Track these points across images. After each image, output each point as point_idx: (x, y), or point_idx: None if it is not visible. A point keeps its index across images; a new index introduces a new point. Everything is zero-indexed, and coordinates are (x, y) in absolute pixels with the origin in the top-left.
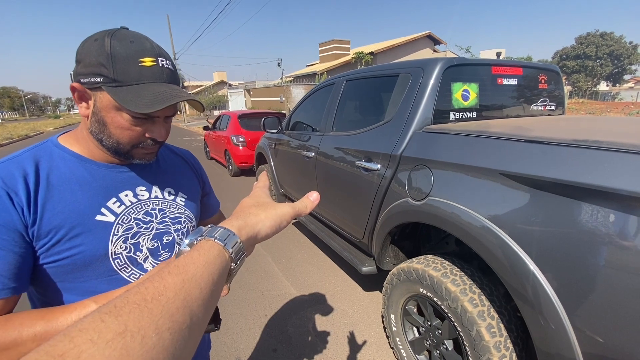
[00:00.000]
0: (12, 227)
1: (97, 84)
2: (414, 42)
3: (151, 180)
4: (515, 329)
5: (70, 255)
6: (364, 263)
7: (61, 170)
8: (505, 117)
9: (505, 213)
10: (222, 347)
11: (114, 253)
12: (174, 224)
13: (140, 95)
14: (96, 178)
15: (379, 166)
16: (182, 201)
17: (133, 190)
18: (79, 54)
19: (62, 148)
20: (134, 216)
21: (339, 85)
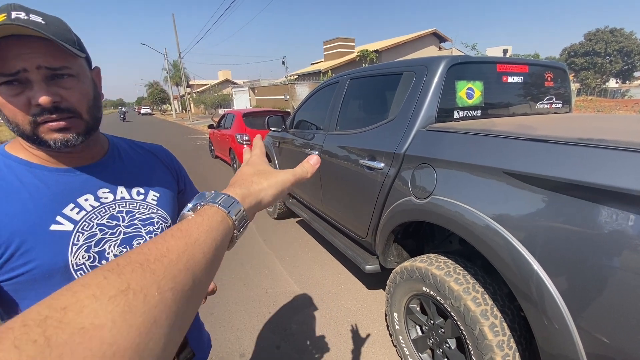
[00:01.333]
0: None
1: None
2: (419, 39)
3: (115, 181)
4: (518, 329)
5: (26, 271)
6: (368, 261)
7: (8, 179)
8: (511, 115)
9: (509, 212)
10: (226, 344)
11: (75, 264)
12: (146, 225)
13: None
14: (48, 185)
15: (383, 165)
16: (153, 200)
17: (94, 193)
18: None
19: (8, 156)
20: (97, 222)
21: (342, 83)
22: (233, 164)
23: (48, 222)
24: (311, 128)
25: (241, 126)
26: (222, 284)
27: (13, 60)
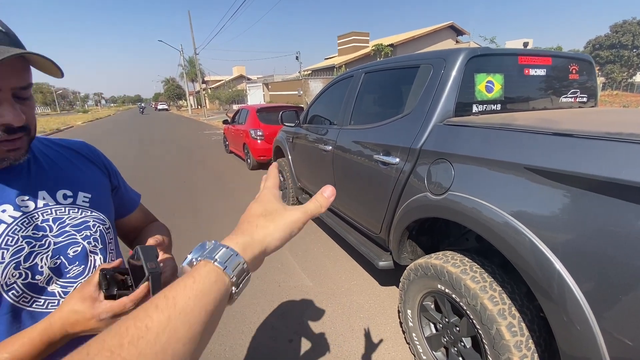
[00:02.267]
0: None
1: None
2: (435, 33)
3: (34, 186)
4: (537, 329)
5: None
6: (381, 258)
7: None
8: (532, 109)
9: (530, 209)
10: (240, 336)
11: (5, 284)
12: (81, 231)
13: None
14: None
15: (398, 160)
16: (85, 202)
17: (12, 202)
18: None
19: None
20: (21, 234)
21: (357, 77)
22: (247, 159)
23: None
24: (324, 123)
25: (255, 121)
26: None
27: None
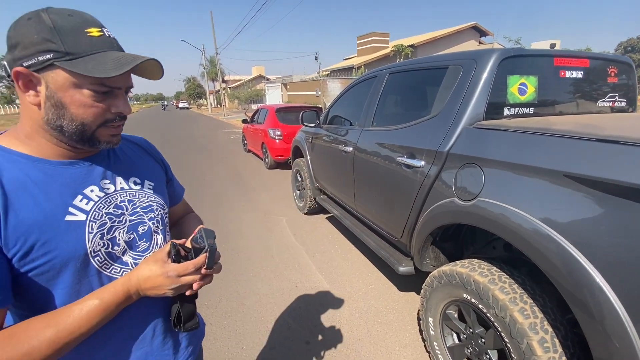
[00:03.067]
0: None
1: (46, 62)
2: (457, 33)
3: (113, 172)
4: (572, 346)
5: (47, 260)
6: (401, 263)
7: (12, 173)
8: (568, 113)
9: (569, 219)
10: (257, 335)
11: (92, 251)
12: (147, 213)
13: (102, 62)
14: (54, 177)
15: (423, 163)
16: (149, 189)
17: (98, 184)
18: (13, 37)
19: (6, 150)
20: (105, 211)
21: (381, 78)
22: (265, 158)
23: (62, 213)
24: (345, 124)
25: (274, 121)
26: (253, 274)
27: (121, 80)
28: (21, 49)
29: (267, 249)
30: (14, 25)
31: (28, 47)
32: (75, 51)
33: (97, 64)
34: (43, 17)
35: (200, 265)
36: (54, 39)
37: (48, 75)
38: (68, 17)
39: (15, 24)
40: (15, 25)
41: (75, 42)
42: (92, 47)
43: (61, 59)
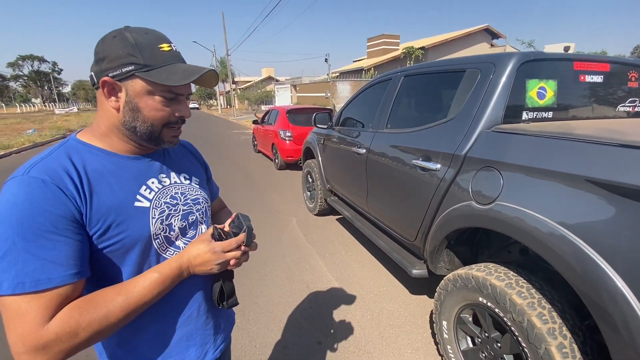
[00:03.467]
0: (71, 217)
1: (128, 73)
2: (469, 36)
3: (168, 167)
4: (590, 352)
5: (120, 239)
6: (415, 266)
7: (93, 164)
8: (588, 118)
9: (591, 224)
10: (269, 334)
11: (154, 234)
12: (195, 204)
13: (172, 72)
14: (124, 169)
15: (439, 166)
16: (196, 184)
17: (156, 177)
18: (101, 52)
19: (85, 144)
20: (163, 200)
21: (395, 80)
22: (275, 159)
23: (132, 200)
24: (357, 126)
25: (285, 122)
26: (265, 273)
27: (185, 87)
28: (108, 61)
29: (278, 249)
30: (102, 42)
31: (114, 60)
32: (152, 63)
33: (169, 74)
34: (126, 36)
35: (240, 242)
36: (135, 53)
37: (128, 84)
38: (145, 34)
39: (103, 41)
40: (102, 42)
41: (152, 56)
42: (164, 60)
43: (140, 70)
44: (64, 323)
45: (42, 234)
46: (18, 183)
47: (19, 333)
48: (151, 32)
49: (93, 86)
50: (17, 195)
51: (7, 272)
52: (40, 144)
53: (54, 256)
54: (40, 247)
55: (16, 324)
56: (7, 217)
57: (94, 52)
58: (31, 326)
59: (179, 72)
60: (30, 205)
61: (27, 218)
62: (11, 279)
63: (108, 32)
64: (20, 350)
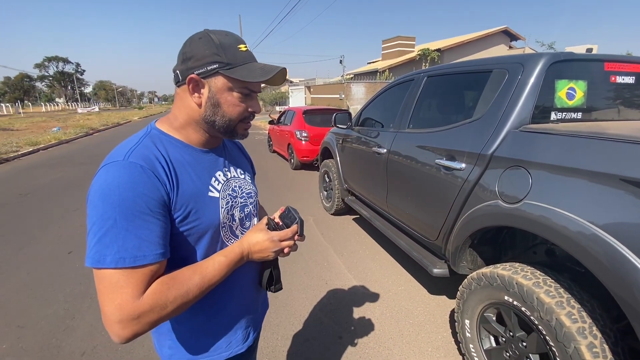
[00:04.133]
0: (162, 201)
1: (212, 71)
2: (487, 38)
3: (229, 162)
4: (622, 353)
5: (196, 225)
6: (435, 265)
7: (174, 154)
8: (618, 119)
9: (624, 223)
10: (290, 327)
11: (222, 223)
12: (249, 197)
13: (252, 70)
14: (198, 161)
15: (464, 165)
16: (249, 179)
17: (222, 170)
18: (188, 52)
19: (166, 135)
20: (227, 192)
21: (418, 81)
22: (291, 159)
23: (206, 190)
24: (377, 126)
25: (301, 123)
26: (284, 270)
27: (258, 85)
28: (194, 60)
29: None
30: (189, 43)
31: (200, 59)
32: (233, 62)
33: (249, 72)
34: (211, 37)
35: (295, 232)
36: (220, 53)
37: (211, 81)
38: (225, 36)
39: (190, 42)
40: (189, 43)
41: (233, 56)
42: (244, 59)
43: (223, 68)
44: (155, 296)
45: (139, 215)
46: (119, 167)
47: (117, 303)
48: (230, 34)
49: (176, 84)
50: (120, 178)
51: (110, 248)
52: (65, 141)
53: (148, 235)
54: (138, 227)
55: (115, 295)
56: (109, 196)
57: (179, 52)
58: (128, 297)
59: (257, 70)
60: (131, 188)
61: (128, 199)
62: (113, 254)
63: (193, 34)
64: (115, 319)
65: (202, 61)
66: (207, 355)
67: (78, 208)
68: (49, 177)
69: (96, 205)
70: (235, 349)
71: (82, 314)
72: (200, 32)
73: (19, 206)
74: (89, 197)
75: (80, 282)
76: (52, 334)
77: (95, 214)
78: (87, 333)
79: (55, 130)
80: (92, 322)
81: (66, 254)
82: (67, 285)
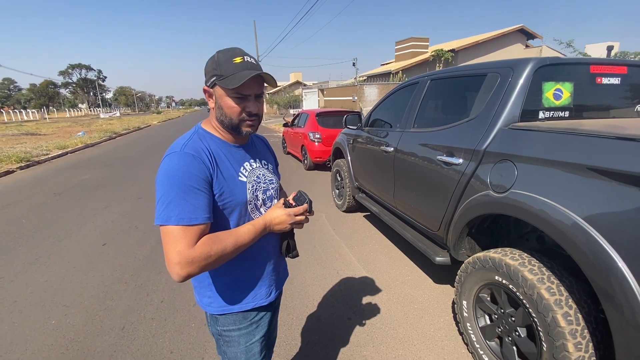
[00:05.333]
0: (207, 180)
1: (213, 82)
2: (502, 37)
3: (254, 155)
4: (594, 322)
5: (230, 201)
6: (438, 254)
7: (214, 148)
8: (603, 117)
9: (591, 207)
10: (304, 309)
11: (249, 201)
12: (270, 183)
13: (234, 79)
14: (231, 153)
15: (461, 160)
16: (271, 169)
17: (249, 161)
18: (205, 70)
19: (208, 133)
20: (252, 178)
21: (422, 84)
22: (304, 160)
23: (237, 176)
24: (385, 126)
25: (314, 125)
26: (299, 260)
27: (249, 89)
28: (205, 76)
29: (309, 240)
30: (207, 62)
31: (207, 74)
32: (225, 74)
33: (231, 80)
34: (214, 56)
35: (305, 209)
36: (216, 67)
37: (215, 90)
38: (227, 52)
39: (206, 62)
40: (206, 63)
41: (226, 68)
42: (234, 70)
43: (218, 79)
44: (203, 248)
45: (193, 190)
46: (178, 156)
47: (178, 250)
48: (232, 50)
49: (205, 93)
50: (178, 163)
51: (173, 212)
52: (91, 144)
53: (199, 204)
54: (192, 198)
55: (175, 244)
56: (172, 176)
57: None
58: (185, 246)
59: (238, 77)
60: (186, 170)
61: (184, 178)
62: (176, 215)
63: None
64: (176, 260)
65: (208, 75)
66: (238, 303)
67: (107, 206)
68: (79, 178)
69: (162, 183)
70: (259, 301)
71: (120, 295)
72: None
73: (55, 204)
74: (157, 178)
75: (116, 269)
76: (95, 312)
77: (161, 189)
78: (125, 311)
79: (81, 134)
80: (129, 303)
81: (101, 245)
82: (104, 272)
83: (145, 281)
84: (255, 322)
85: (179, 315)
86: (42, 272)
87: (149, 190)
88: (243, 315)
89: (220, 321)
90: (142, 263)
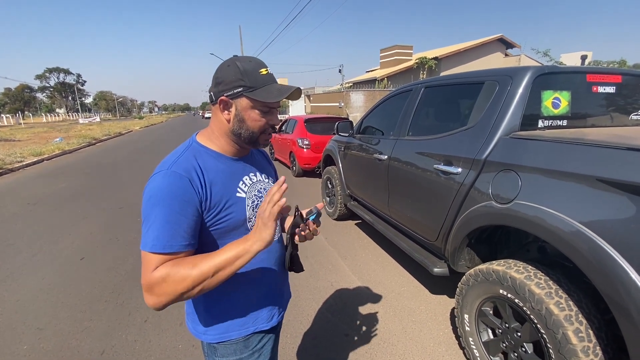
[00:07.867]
0: (193, 203)
1: (238, 93)
2: (483, 46)
3: (255, 168)
4: (605, 338)
5: (226, 220)
6: (436, 264)
7: (210, 163)
8: (600, 126)
9: (602, 219)
10: (299, 326)
11: (248, 218)
12: None
13: (269, 92)
14: (229, 168)
15: (460, 170)
16: (272, 182)
17: (248, 175)
18: (219, 77)
19: (204, 147)
20: (252, 193)
21: (416, 91)
22: (292, 166)
23: (235, 191)
24: (378, 134)
25: (302, 131)
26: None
27: (276, 102)
28: (224, 85)
29: (301, 250)
30: (219, 70)
31: (228, 84)
32: (254, 85)
33: (267, 93)
34: (237, 64)
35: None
36: (243, 78)
37: (237, 102)
38: (249, 62)
39: (220, 69)
40: (220, 70)
41: (255, 79)
42: (263, 82)
43: (247, 90)
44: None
45: (174, 214)
46: (163, 176)
47: (144, 277)
48: (254, 60)
49: (211, 103)
50: (162, 184)
51: (149, 237)
52: (69, 151)
53: (179, 230)
54: (172, 222)
55: (144, 271)
56: (154, 198)
57: (213, 77)
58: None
59: (274, 91)
60: (169, 192)
61: (167, 202)
62: (151, 241)
63: (224, 61)
64: (144, 289)
65: (229, 85)
66: (236, 329)
67: (86, 217)
68: (55, 187)
69: (146, 205)
70: (260, 325)
71: (99, 315)
72: (229, 59)
73: (29, 215)
74: (143, 198)
75: (95, 286)
76: (71, 335)
77: (144, 211)
78: (105, 333)
79: (58, 140)
80: (109, 323)
81: (78, 260)
82: (82, 289)
83: (127, 299)
84: (258, 350)
85: (165, 336)
86: (13, 291)
87: (131, 199)
88: (244, 344)
89: (219, 351)
90: (124, 279)
